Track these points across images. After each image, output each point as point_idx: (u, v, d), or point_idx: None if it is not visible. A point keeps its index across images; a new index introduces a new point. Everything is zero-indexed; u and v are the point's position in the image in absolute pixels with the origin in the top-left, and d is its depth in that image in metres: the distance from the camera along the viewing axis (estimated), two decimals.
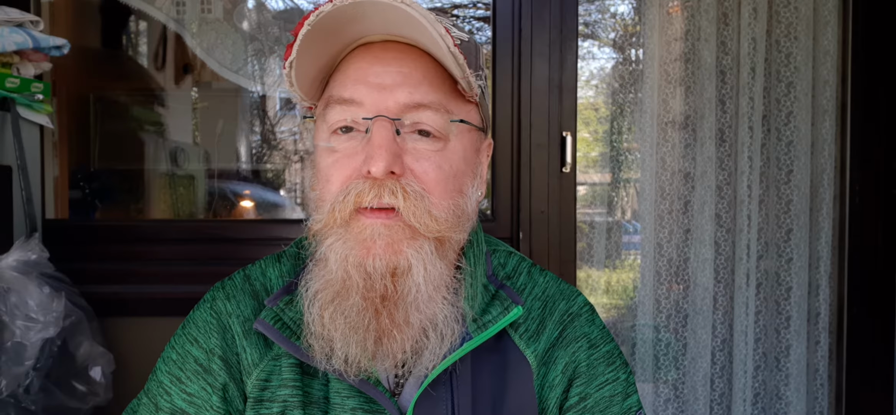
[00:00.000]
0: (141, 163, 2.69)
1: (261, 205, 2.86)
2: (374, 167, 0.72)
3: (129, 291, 1.75)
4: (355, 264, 0.73)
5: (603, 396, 0.84)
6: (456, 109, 0.78)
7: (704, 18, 1.96)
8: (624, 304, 2.12)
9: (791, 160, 1.97)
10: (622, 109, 2.07)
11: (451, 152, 0.77)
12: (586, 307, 0.88)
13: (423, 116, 0.75)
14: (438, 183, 0.75)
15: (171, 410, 0.81)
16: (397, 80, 0.74)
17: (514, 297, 0.82)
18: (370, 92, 0.74)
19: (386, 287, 0.73)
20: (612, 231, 2.09)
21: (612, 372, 0.85)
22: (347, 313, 0.74)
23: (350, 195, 0.74)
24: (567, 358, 0.83)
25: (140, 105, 2.76)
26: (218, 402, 0.80)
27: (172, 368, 0.83)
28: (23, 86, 1.48)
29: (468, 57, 0.76)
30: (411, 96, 0.74)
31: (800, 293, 1.97)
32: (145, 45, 2.84)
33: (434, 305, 0.75)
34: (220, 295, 0.85)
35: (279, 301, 0.81)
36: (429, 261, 0.74)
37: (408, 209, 0.73)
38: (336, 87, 0.77)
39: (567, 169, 1.81)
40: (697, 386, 1.98)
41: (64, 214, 2.38)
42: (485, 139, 0.86)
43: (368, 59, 0.75)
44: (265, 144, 2.97)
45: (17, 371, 1.31)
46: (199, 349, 0.82)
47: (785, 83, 1.98)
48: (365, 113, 0.74)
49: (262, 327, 0.79)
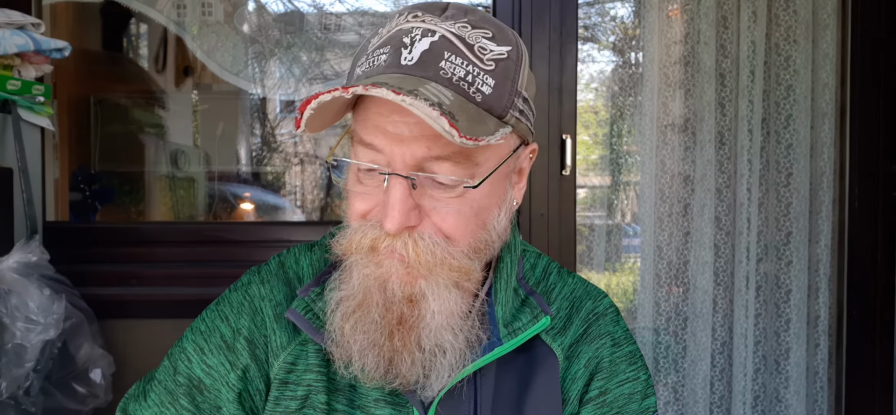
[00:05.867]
0: (141, 165, 2.70)
1: (261, 207, 2.87)
2: (387, 225, 0.73)
3: (130, 294, 1.75)
4: (376, 286, 0.76)
5: (622, 392, 0.85)
6: (481, 151, 0.75)
7: (704, 22, 1.96)
8: (624, 307, 2.12)
9: (790, 163, 1.98)
10: (622, 112, 2.07)
11: (473, 195, 0.76)
12: (612, 308, 0.89)
13: (442, 168, 0.74)
14: (457, 228, 0.76)
15: (188, 376, 0.84)
16: (415, 133, 0.72)
17: (543, 305, 0.83)
18: (388, 143, 0.73)
19: (402, 312, 0.76)
20: (612, 234, 2.10)
21: (632, 371, 0.86)
22: (367, 328, 0.76)
23: (367, 235, 0.76)
24: (591, 353, 0.85)
25: (140, 107, 2.76)
26: (235, 380, 0.82)
27: (198, 338, 0.85)
28: (24, 88, 1.49)
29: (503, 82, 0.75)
30: (430, 151, 0.73)
31: (799, 296, 1.98)
32: (146, 47, 2.84)
33: (445, 333, 0.77)
34: (255, 279, 0.87)
35: (311, 291, 0.83)
36: (442, 295, 0.76)
37: (418, 261, 0.74)
38: (360, 125, 0.77)
39: (567, 172, 1.82)
40: (697, 389, 1.98)
41: (64, 216, 2.38)
42: (526, 148, 0.84)
43: (389, 105, 0.72)
44: (265, 147, 2.98)
45: (18, 373, 1.31)
46: (227, 327, 0.84)
47: (784, 86, 1.98)
48: (382, 164, 0.74)
49: (293, 316, 0.81)
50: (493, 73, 0.75)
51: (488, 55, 0.75)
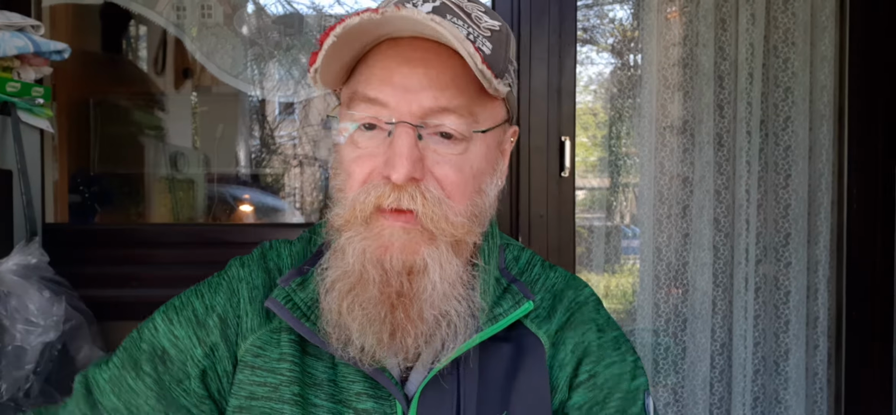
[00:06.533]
0: (141, 167, 2.70)
1: (260, 209, 2.87)
2: (395, 174, 0.73)
3: (129, 295, 1.75)
4: (373, 260, 0.74)
5: (612, 374, 0.85)
6: (481, 109, 0.78)
7: (702, 24, 1.96)
8: (623, 308, 2.12)
9: (789, 165, 1.98)
10: (621, 114, 2.07)
11: (472, 154, 0.78)
12: (593, 297, 0.90)
13: (447, 120, 0.75)
14: (458, 186, 0.77)
15: (152, 345, 0.84)
16: (423, 84, 0.75)
17: (525, 291, 0.83)
18: (395, 94, 0.75)
19: (401, 284, 0.75)
20: (611, 235, 2.10)
21: (619, 355, 0.86)
22: (365, 305, 0.75)
23: (371, 195, 0.75)
24: (576, 338, 0.85)
25: (140, 109, 2.76)
26: (201, 356, 0.82)
27: (169, 311, 0.86)
28: (23, 90, 1.49)
29: (498, 49, 0.78)
30: (437, 101, 0.75)
31: (798, 297, 1.98)
32: (145, 49, 2.84)
33: (449, 301, 0.76)
34: (235, 263, 0.88)
35: (292, 281, 0.83)
36: (445, 260, 0.75)
37: (426, 214, 0.74)
38: (362, 83, 0.77)
39: (566, 173, 1.82)
40: (696, 390, 1.98)
41: (64, 218, 2.38)
42: (510, 128, 0.86)
43: (396, 59, 0.75)
44: (265, 149, 2.98)
45: (18, 375, 1.31)
46: (201, 303, 0.85)
47: (783, 88, 1.98)
48: (389, 115, 0.75)
49: (273, 305, 0.81)
50: (490, 39, 0.77)
51: (484, 24, 0.78)
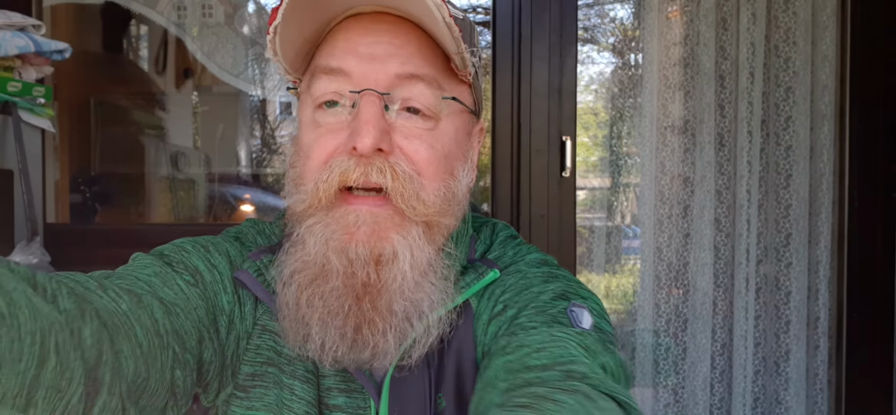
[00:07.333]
0: (141, 167, 2.70)
1: (261, 208, 2.86)
2: (361, 143, 0.67)
3: None
4: (336, 249, 0.68)
5: (523, 293, 0.75)
6: (448, 86, 0.74)
7: (703, 23, 1.96)
8: (624, 308, 2.12)
9: (790, 165, 1.98)
10: (622, 114, 2.07)
11: (442, 133, 0.73)
12: (533, 257, 0.81)
13: (415, 90, 0.71)
14: (430, 163, 0.71)
15: (185, 263, 0.73)
16: (389, 51, 0.70)
17: (490, 264, 0.78)
18: (360, 63, 0.70)
19: (368, 275, 0.68)
20: (612, 235, 2.10)
21: (538, 277, 0.77)
22: (327, 297, 0.69)
23: (334, 173, 0.69)
24: (500, 289, 0.77)
25: (141, 109, 2.76)
26: (227, 302, 0.75)
27: (201, 240, 0.78)
28: (24, 90, 1.49)
29: (463, 32, 0.72)
30: (403, 67, 0.70)
31: (799, 297, 1.98)
32: (146, 49, 2.84)
33: (421, 291, 0.70)
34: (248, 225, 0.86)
35: (263, 257, 0.78)
36: (416, 246, 0.70)
37: (396, 190, 0.68)
38: (323, 56, 0.73)
39: (567, 173, 1.82)
40: (697, 390, 1.98)
41: (65, 217, 2.38)
42: (477, 123, 0.82)
43: (358, 29, 0.71)
44: (265, 148, 2.98)
45: None
46: (235, 251, 0.79)
47: (784, 88, 1.98)
48: (352, 85, 0.70)
49: (243, 277, 0.75)
50: (456, 21, 0.72)
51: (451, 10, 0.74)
